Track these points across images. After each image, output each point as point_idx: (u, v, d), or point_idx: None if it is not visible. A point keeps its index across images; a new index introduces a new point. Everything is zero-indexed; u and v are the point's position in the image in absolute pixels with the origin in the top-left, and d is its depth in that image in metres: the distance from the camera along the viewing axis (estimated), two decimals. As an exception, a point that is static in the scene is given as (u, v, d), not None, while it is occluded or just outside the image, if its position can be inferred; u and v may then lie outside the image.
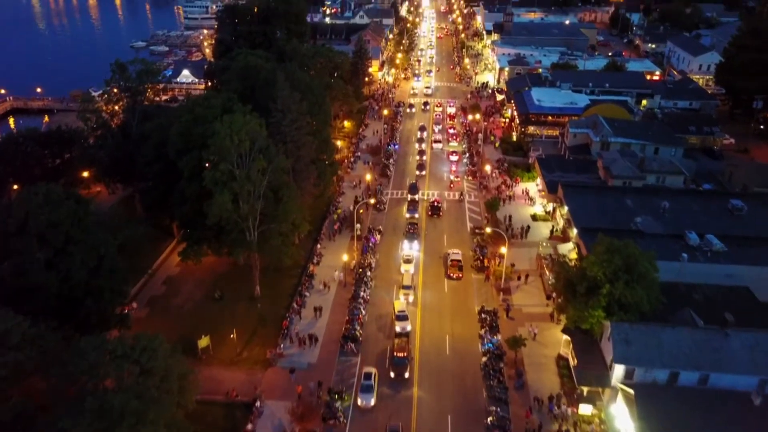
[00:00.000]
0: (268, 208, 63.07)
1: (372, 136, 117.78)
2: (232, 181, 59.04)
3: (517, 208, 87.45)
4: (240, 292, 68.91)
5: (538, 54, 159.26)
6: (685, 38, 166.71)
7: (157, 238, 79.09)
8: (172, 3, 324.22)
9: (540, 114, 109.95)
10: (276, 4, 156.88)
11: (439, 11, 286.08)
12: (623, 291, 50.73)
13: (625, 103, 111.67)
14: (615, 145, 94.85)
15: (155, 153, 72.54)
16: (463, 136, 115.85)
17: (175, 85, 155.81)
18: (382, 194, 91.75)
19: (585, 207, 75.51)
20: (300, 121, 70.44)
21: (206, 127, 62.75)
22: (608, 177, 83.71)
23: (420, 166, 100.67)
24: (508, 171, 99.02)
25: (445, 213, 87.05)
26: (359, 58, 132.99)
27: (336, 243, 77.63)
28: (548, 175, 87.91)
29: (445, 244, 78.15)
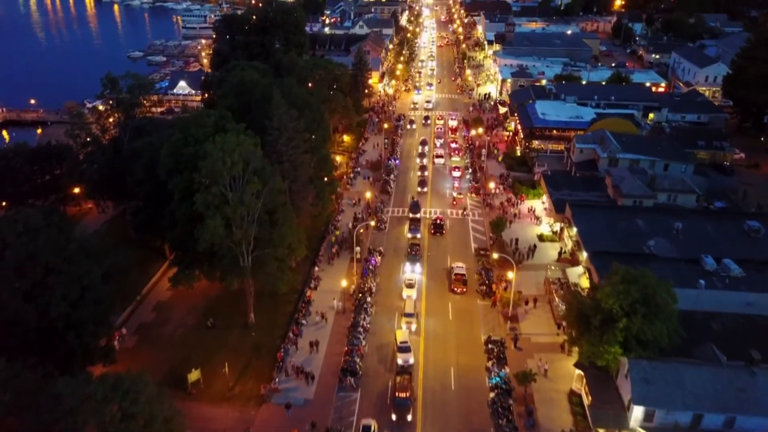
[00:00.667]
0: (263, 232, 59.87)
1: (372, 150, 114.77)
2: (224, 204, 55.89)
3: (523, 227, 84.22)
4: (233, 319, 65.57)
5: (540, 65, 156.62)
6: (690, 49, 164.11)
7: (147, 259, 75.81)
8: (171, 12, 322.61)
9: (545, 128, 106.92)
10: (274, 14, 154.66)
11: (439, 20, 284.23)
12: (641, 325, 47.41)
13: (632, 117, 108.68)
14: (623, 161, 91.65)
15: (145, 172, 69.49)
16: (465, 150, 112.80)
17: (172, 96, 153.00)
18: (382, 212, 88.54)
19: (595, 228, 72.31)
20: (297, 140, 67.33)
21: (198, 148, 59.69)
22: (618, 195, 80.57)
23: (421, 182, 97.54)
24: (512, 187, 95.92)
25: (448, 232, 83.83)
26: (359, 70, 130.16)
27: (334, 266, 74.30)
28: (555, 193, 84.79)
29: (448, 266, 74.77)
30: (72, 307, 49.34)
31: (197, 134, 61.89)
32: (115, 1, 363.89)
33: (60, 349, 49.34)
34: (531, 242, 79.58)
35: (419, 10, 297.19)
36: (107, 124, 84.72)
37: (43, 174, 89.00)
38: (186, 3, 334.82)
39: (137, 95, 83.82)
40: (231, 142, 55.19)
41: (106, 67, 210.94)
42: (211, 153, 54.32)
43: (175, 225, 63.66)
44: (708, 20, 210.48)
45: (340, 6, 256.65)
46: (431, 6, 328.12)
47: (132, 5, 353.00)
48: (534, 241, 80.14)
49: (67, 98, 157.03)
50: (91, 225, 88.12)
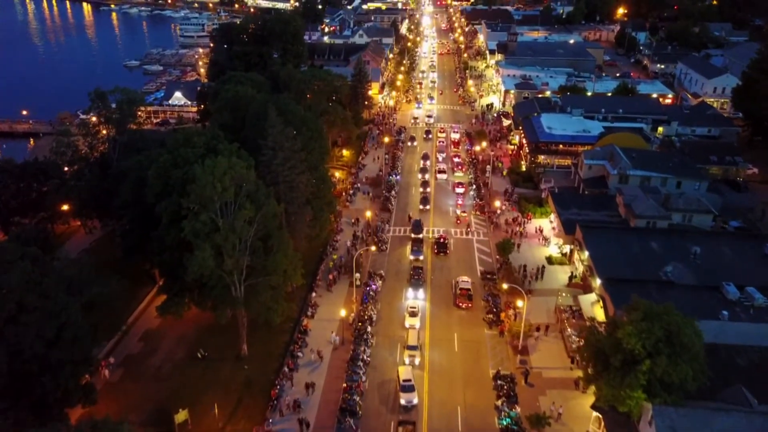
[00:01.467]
0: (257, 260, 56.03)
1: (372, 163, 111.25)
2: (214, 232, 52.13)
3: (531, 248, 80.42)
4: (225, 350, 61.64)
5: (544, 75, 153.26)
6: (697, 59, 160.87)
7: (136, 283, 71.75)
8: (169, 20, 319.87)
9: (551, 143, 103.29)
10: (272, 23, 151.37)
11: (439, 28, 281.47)
12: (666, 368, 43.53)
13: (641, 131, 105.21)
14: (634, 178, 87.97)
15: (133, 193, 65.73)
16: (468, 165, 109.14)
17: (167, 107, 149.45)
18: (383, 232, 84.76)
19: (607, 252, 68.53)
20: (293, 160, 63.66)
21: (187, 170, 55.99)
22: (630, 216, 76.84)
23: (424, 200, 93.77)
24: (518, 204, 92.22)
25: (452, 253, 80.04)
26: (359, 81, 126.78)
27: (333, 293, 70.28)
28: (564, 213, 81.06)
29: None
30: (48, 346, 45.47)
31: (187, 155, 58.18)
32: (113, 9, 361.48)
33: (34, 393, 45.42)
34: (539, 263, 75.90)
35: (419, 18, 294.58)
36: (95, 141, 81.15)
37: (29, 191, 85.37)
38: (184, 11, 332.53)
39: (127, 110, 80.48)
40: (221, 165, 51.46)
41: (101, 76, 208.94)
42: (200, 177, 50.61)
43: (164, 250, 59.84)
44: (712, 29, 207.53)
45: (340, 14, 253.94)
46: (431, 14, 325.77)
47: (130, 13, 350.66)
48: (542, 263, 76.43)
49: (60, 109, 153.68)
50: (78, 245, 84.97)
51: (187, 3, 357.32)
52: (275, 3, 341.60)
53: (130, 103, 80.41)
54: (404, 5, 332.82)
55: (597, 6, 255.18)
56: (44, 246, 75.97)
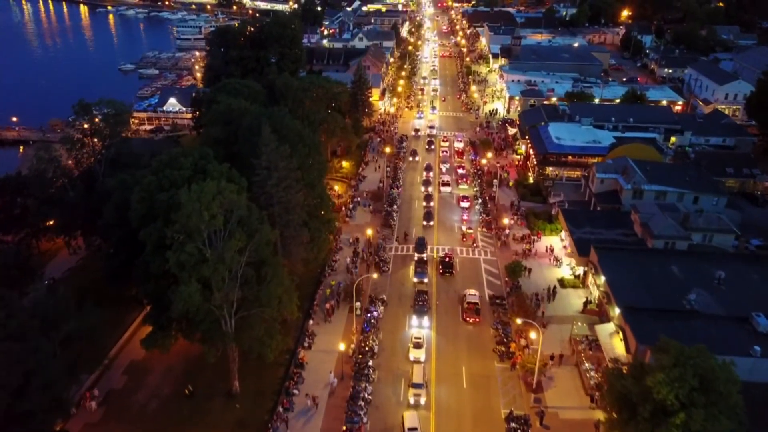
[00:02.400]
0: (249, 291, 51.57)
1: (373, 173, 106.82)
2: (201, 263, 47.62)
3: (541, 269, 75.94)
4: (215, 386, 57.18)
5: (549, 81, 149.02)
6: (707, 64, 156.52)
7: (121, 307, 67.13)
8: (167, 22, 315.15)
9: (560, 154, 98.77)
10: (270, 27, 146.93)
11: (440, 31, 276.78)
12: (704, 422, 39.05)
13: (654, 141, 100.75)
14: (649, 193, 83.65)
15: (117, 215, 61.20)
16: (473, 176, 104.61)
17: (161, 114, 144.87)
18: (385, 251, 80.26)
19: (625, 277, 64.06)
20: (289, 179, 59.18)
21: (173, 194, 51.51)
22: (647, 235, 72.33)
23: (427, 215, 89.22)
24: (526, 219, 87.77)
25: (458, 273, 75.57)
26: (359, 88, 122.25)
27: (331, 322, 65.53)
28: (576, 232, 76.56)
29: (460, 319, 66.46)
30: (15, 395, 41.01)
31: (173, 177, 53.70)
32: (110, 10, 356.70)
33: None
34: (550, 284, 71.57)
35: (420, 20, 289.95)
36: (80, 155, 76.73)
37: (12, 206, 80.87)
38: (181, 13, 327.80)
39: (113, 123, 76.09)
40: (209, 190, 46.95)
41: (95, 80, 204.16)
42: (186, 204, 46.09)
43: (149, 279, 55.32)
44: (720, 32, 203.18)
45: (339, 17, 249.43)
46: (432, 16, 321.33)
47: (127, 15, 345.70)
48: (553, 284, 72.07)
49: (52, 115, 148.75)
50: (64, 263, 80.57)
51: (184, 4, 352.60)
52: (274, 4, 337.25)
53: (117, 116, 75.97)
54: (404, 7, 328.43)
55: (601, 8, 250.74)
56: (25, 267, 72.22)
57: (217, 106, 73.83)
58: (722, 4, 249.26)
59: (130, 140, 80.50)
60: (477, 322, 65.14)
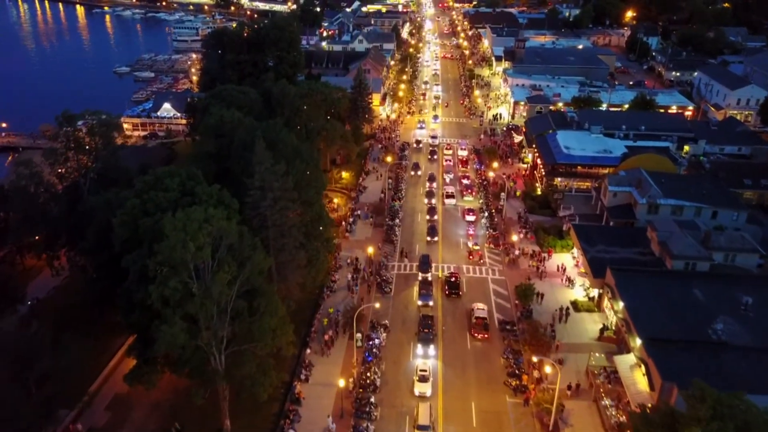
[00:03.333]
0: (240, 325, 47.34)
1: (374, 183, 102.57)
2: (187, 299, 43.37)
3: (552, 289, 71.68)
4: (205, 424, 52.85)
5: (555, 85, 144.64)
6: (717, 67, 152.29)
7: (105, 332, 62.83)
8: (164, 23, 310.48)
9: (569, 164, 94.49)
10: (267, 30, 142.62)
11: (442, 32, 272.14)
12: (746, 483, 34.92)
13: (667, 151, 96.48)
14: (665, 207, 79.47)
15: (100, 237, 57.01)
16: (479, 187, 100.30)
17: (155, 119, 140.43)
18: (387, 269, 75.99)
19: (645, 302, 59.80)
20: (284, 200, 54.87)
21: (158, 219, 47.27)
22: (666, 255, 68.04)
23: (431, 230, 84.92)
24: (536, 235, 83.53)
25: (465, 294, 71.24)
26: (359, 94, 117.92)
27: (329, 354, 61.09)
28: (590, 250, 72.26)
29: (468, 347, 62.23)
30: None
31: (158, 200, 49.45)
32: (107, 11, 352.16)
33: None
34: (563, 304, 67.52)
35: (420, 21, 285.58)
36: (65, 169, 72.47)
37: (-7, 221, 76.82)
38: (179, 14, 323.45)
39: (99, 136, 71.92)
40: (195, 219, 42.66)
41: (90, 83, 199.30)
42: (169, 235, 41.81)
43: (132, 309, 51.09)
44: (727, 34, 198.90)
45: (339, 18, 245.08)
46: (433, 17, 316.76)
47: (123, 16, 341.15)
48: (566, 304, 67.94)
49: (43, 120, 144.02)
50: (49, 281, 76.26)
51: (181, 5, 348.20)
52: (272, 5, 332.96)
53: (104, 128, 71.79)
54: (405, 8, 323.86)
55: (605, 9, 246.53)
56: (5, 290, 68.03)
57: (209, 119, 69.52)
58: (728, 4, 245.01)
59: (118, 152, 76.09)
60: (485, 338, 62.69)
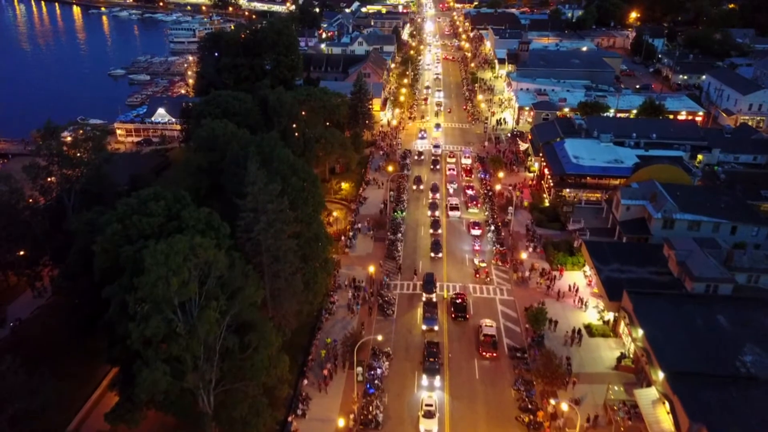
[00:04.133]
0: (231, 363, 43.44)
1: (375, 192, 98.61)
2: (171, 338, 39.43)
3: (564, 311, 67.71)
4: (194, 465, 48.85)
5: (560, 89, 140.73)
6: (727, 71, 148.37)
7: (89, 359, 58.83)
8: (161, 24, 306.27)
9: (579, 175, 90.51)
10: (264, 33, 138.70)
11: (443, 33, 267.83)
12: None
13: (681, 161, 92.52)
14: (681, 222, 75.59)
15: (82, 262, 53.06)
16: (484, 198, 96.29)
17: (149, 125, 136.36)
18: (389, 289, 72.00)
19: (666, 330, 55.91)
20: (279, 224, 50.88)
21: (141, 246, 43.35)
22: (685, 276, 64.09)
23: (435, 245, 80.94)
24: (545, 250, 79.56)
25: (472, 317, 67.16)
26: (359, 100, 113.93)
27: (328, 393, 56.84)
28: (603, 269, 68.32)
29: (476, 375, 58.30)
30: None
31: (141, 226, 45.46)
32: (103, 12, 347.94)
33: None
34: (575, 326, 63.76)
35: (421, 23, 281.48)
36: (46, 185, 68.50)
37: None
38: (176, 14, 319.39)
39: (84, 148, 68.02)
40: (180, 250, 38.67)
41: (84, 86, 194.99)
42: (150, 270, 37.84)
43: (115, 343, 47.19)
44: (735, 35, 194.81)
45: (338, 19, 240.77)
46: (434, 18, 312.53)
47: (120, 16, 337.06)
48: (578, 326, 64.12)
49: (35, 126, 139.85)
50: (32, 302, 72.26)
51: (179, 5, 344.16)
52: (271, 5, 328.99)
53: (90, 140, 67.88)
54: (405, 8, 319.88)
55: (608, 10, 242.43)
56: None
57: (200, 131, 65.52)
58: (733, 5, 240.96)
59: (105, 165, 72.09)
60: (494, 356, 59.83)
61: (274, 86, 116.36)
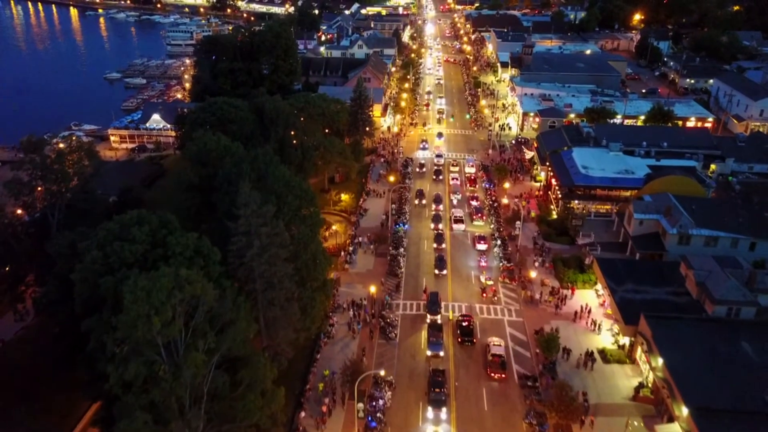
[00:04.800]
0: (220, 404, 39.82)
1: (376, 201, 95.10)
2: (154, 382, 35.82)
3: (576, 334, 64.07)
4: None
5: (565, 94, 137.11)
6: (736, 75, 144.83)
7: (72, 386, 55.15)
8: (159, 26, 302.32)
9: (588, 187, 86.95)
10: (262, 37, 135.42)
11: (443, 35, 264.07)
12: None
13: (694, 171, 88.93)
14: (697, 238, 72.07)
15: (62, 287, 49.45)
16: (489, 209, 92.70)
17: (144, 131, 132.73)
18: (391, 309, 68.42)
19: (689, 360, 52.35)
20: (274, 247, 47.27)
21: (123, 275, 39.80)
22: (705, 299, 60.55)
23: (439, 261, 77.29)
24: (553, 265, 76.03)
25: (479, 340, 63.51)
26: (359, 107, 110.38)
27: (326, 424, 53.22)
28: (617, 289, 64.75)
29: (485, 406, 54.72)
30: None
31: (123, 254, 41.82)
32: (100, 13, 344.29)
33: None
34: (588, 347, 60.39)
35: (421, 25, 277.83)
36: (29, 201, 64.99)
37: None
38: (174, 16, 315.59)
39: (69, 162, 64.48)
40: (162, 287, 35.03)
41: (79, 91, 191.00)
42: (130, 308, 34.24)
43: (96, 379, 43.60)
44: (741, 38, 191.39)
45: (338, 21, 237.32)
46: (434, 19, 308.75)
47: (117, 18, 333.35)
48: (591, 349, 60.63)
49: (27, 131, 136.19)
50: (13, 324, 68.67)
51: (177, 7, 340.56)
52: (270, 7, 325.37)
53: (75, 154, 64.36)
54: (405, 10, 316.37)
55: (612, 12, 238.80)
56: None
57: (191, 145, 61.96)
58: (738, 7, 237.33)
59: (93, 178, 68.61)
60: (503, 377, 57.04)
61: (272, 92, 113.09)
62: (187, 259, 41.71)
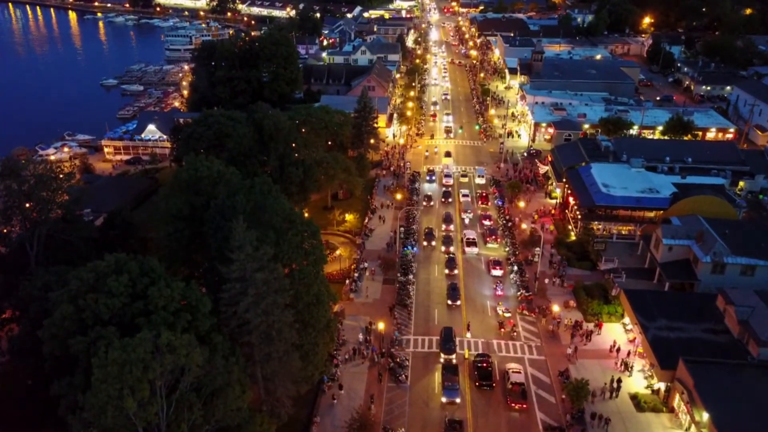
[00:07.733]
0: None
1: (380, 223, 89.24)
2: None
3: (605, 375, 58.26)
4: None
5: (578, 103, 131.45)
6: (755, 82, 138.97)
7: None
8: (158, 30, 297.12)
9: (610, 207, 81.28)
10: (262, 44, 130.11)
11: (448, 39, 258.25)
12: None
13: (723, 190, 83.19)
14: (733, 266, 66.37)
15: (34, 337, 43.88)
16: (503, 230, 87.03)
17: (139, 142, 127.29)
18: (401, 346, 62.76)
19: (740, 416, 46.76)
20: (271, 295, 41.63)
21: (95, 337, 34.22)
22: (749, 339, 54.88)
23: (452, 290, 71.53)
24: (575, 295, 70.36)
25: (499, 382, 57.77)
26: (363, 119, 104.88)
27: None
28: (649, 326, 59.01)
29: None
30: None
31: (98, 309, 36.20)
32: (99, 17, 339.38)
33: None
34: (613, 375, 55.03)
35: (425, 29, 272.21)
36: (5, 230, 59.57)
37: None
38: (173, 20, 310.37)
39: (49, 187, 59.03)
40: (138, 359, 29.43)
41: (75, 98, 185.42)
42: (99, 389, 28.66)
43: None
44: (757, 42, 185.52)
45: (340, 25, 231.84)
46: (438, 23, 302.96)
47: (116, 22, 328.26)
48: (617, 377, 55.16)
49: (18, 142, 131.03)
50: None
51: (176, 11, 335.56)
52: (271, 11, 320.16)
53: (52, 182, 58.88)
54: (408, 13, 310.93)
55: (621, 15, 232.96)
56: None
57: (181, 172, 56.34)
58: (751, 10, 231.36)
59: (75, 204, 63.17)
60: (524, 408, 53.77)
61: (272, 101, 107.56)
62: (171, 314, 36.14)
